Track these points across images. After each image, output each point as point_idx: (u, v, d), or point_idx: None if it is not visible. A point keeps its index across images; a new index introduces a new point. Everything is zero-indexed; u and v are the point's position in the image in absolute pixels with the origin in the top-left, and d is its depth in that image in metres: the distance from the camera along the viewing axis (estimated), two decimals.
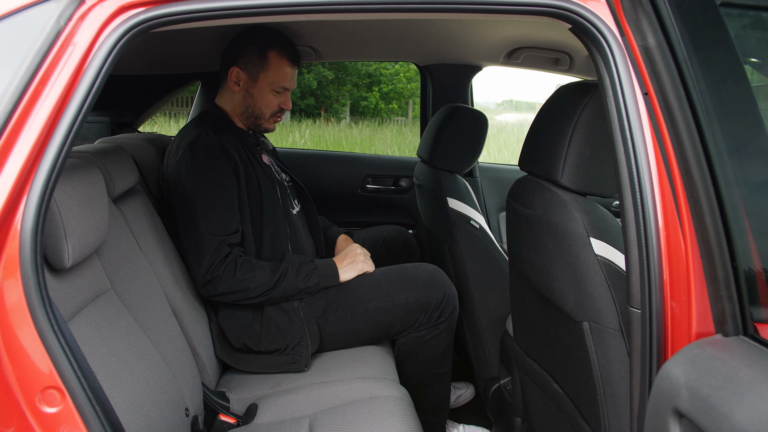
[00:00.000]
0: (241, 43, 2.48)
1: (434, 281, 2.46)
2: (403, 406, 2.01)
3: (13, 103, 1.19)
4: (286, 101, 2.58)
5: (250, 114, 2.55)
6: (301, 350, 2.33)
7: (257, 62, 2.47)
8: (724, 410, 0.97)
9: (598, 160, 1.59)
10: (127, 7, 1.27)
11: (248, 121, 2.58)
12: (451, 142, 2.86)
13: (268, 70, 2.47)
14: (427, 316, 2.42)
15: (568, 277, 1.58)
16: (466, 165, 2.95)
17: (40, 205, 1.20)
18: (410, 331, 2.45)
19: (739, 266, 1.12)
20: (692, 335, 1.19)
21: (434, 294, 2.42)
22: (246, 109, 2.54)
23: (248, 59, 2.47)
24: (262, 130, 2.63)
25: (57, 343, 1.22)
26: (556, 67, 3.26)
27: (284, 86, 2.52)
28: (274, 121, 2.61)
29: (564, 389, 1.77)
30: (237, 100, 2.54)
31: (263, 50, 2.46)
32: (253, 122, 2.58)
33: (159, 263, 2.12)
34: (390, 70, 18.35)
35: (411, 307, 2.41)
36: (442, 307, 2.43)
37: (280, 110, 2.58)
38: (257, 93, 2.50)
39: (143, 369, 1.70)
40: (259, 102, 2.52)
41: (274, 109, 2.55)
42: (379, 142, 13.36)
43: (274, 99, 2.53)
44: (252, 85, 2.50)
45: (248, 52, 2.46)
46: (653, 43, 1.18)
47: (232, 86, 2.51)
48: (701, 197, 1.13)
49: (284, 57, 2.49)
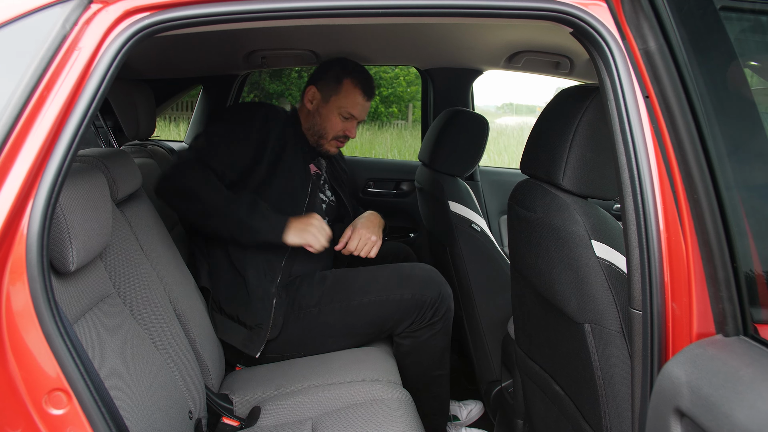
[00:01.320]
0: (324, 66, 2.72)
1: (430, 280, 2.49)
2: (405, 409, 2.01)
3: (19, 108, 1.20)
4: (351, 129, 2.70)
5: (315, 131, 2.68)
6: (259, 333, 2.37)
7: (332, 86, 2.64)
8: (725, 409, 0.98)
9: (599, 162, 1.59)
10: (132, 12, 1.28)
11: (312, 137, 2.70)
12: (453, 146, 2.87)
13: (339, 94, 2.63)
14: (420, 315, 2.45)
15: (570, 280, 1.58)
16: (468, 168, 2.96)
17: (47, 209, 1.21)
18: (404, 328, 2.48)
19: (739, 267, 1.13)
20: (693, 336, 1.20)
21: (429, 292, 2.45)
22: (312, 126, 2.68)
23: (325, 82, 2.66)
24: (323, 150, 2.73)
25: (63, 346, 1.23)
26: (556, 71, 3.27)
27: (351, 113, 2.65)
28: (336, 144, 2.73)
29: (565, 391, 1.77)
30: (307, 116, 2.70)
31: (340, 76, 2.64)
32: (316, 140, 2.70)
33: (162, 267, 2.13)
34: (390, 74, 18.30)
35: (405, 304, 2.44)
36: (437, 306, 2.46)
37: (344, 136, 2.70)
38: (325, 113, 2.65)
39: (147, 372, 1.71)
40: (325, 122, 2.66)
41: (338, 132, 2.68)
42: (380, 145, 13.34)
43: (339, 123, 2.66)
44: (323, 106, 2.66)
45: (328, 75, 2.66)
46: (654, 47, 1.19)
47: (306, 103, 2.69)
48: (702, 199, 1.14)
49: (357, 87, 2.64)
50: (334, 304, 2.45)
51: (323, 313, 2.44)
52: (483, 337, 2.75)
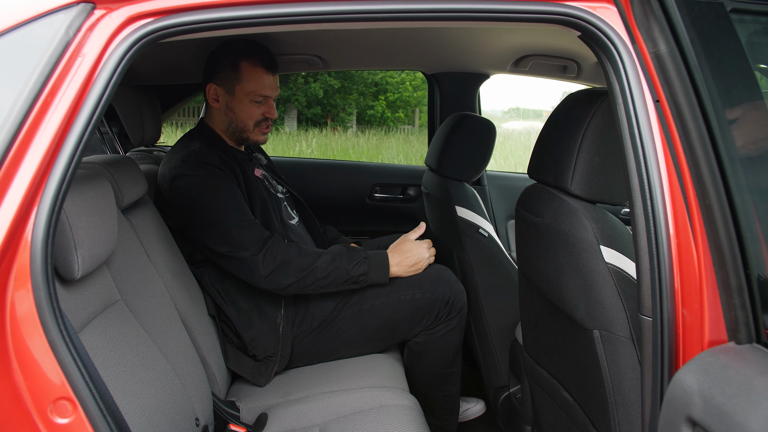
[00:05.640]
0: (214, 59, 2.47)
1: (441, 278, 2.47)
2: (413, 415, 2.00)
3: (23, 114, 1.19)
4: (270, 110, 2.53)
5: (235, 128, 2.51)
6: (268, 364, 2.35)
7: (231, 75, 2.43)
8: (739, 419, 0.96)
9: (608, 167, 1.58)
10: (136, 17, 1.28)
11: (234, 136, 2.54)
12: (460, 151, 2.86)
13: (243, 81, 2.43)
14: (434, 315, 2.43)
15: (578, 286, 1.57)
16: (475, 173, 2.94)
17: (51, 216, 1.21)
18: (419, 332, 2.46)
19: (752, 273, 1.11)
20: (705, 343, 1.18)
21: (441, 291, 2.43)
22: (229, 124, 2.50)
23: (222, 74, 2.44)
24: (251, 143, 2.58)
25: (68, 354, 1.22)
26: (563, 75, 3.26)
27: (263, 94, 2.47)
28: (262, 132, 2.56)
29: (574, 398, 1.76)
30: (220, 116, 2.50)
31: (235, 62, 2.42)
32: (239, 136, 2.53)
33: (168, 273, 2.12)
34: (396, 79, 18.36)
35: (417, 304, 2.41)
36: (451, 302, 2.44)
37: (264, 119, 2.53)
38: (236, 106, 2.46)
39: (153, 379, 1.70)
40: (240, 114, 2.47)
41: (258, 118, 2.50)
42: (386, 150, 13.36)
43: (255, 109, 2.48)
44: (230, 99, 2.46)
45: (222, 66, 2.44)
46: (665, 51, 1.18)
47: (212, 103, 2.48)
48: (714, 204, 1.13)
49: (258, 65, 2.44)
50: (347, 310, 2.42)
51: (336, 319, 2.42)
52: (491, 342, 2.74)
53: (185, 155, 2.31)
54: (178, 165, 2.29)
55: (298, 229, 2.61)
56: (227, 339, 2.39)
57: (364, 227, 3.94)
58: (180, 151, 2.36)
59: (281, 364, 2.37)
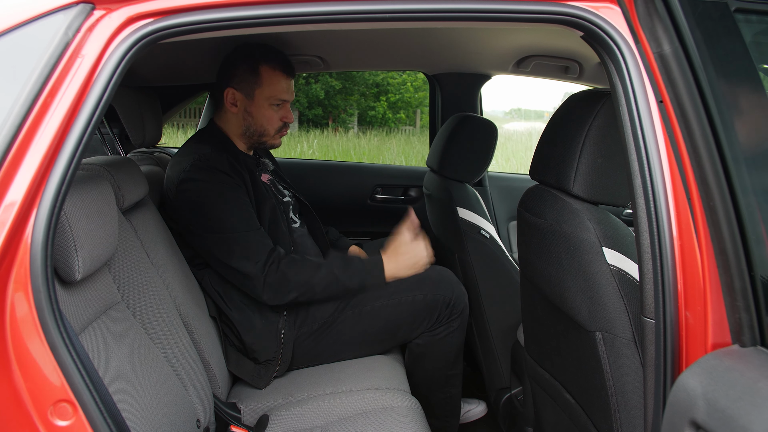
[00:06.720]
0: (231, 63, 2.45)
1: (442, 280, 2.47)
2: (414, 417, 2.00)
3: (22, 115, 1.19)
4: (288, 114, 2.51)
5: (253, 132, 2.49)
6: (268, 368, 2.35)
7: (250, 79, 2.41)
8: (743, 422, 0.96)
9: (610, 168, 1.58)
10: (136, 18, 1.27)
11: (251, 140, 2.52)
12: (461, 152, 2.85)
13: (262, 85, 2.41)
14: (435, 316, 2.43)
15: (581, 287, 1.56)
16: (476, 174, 2.94)
17: (51, 218, 1.20)
18: (419, 334, 2.46)
19: (756, 276, 1.11)
20: (708, 346, 1.18)
21: (442, 292, 2.43)
22: (247, 129, 2.48)
23: (241, 78, 2.42)
24: (268, 146, 2.59)
25: (68, 356, 1.22)
26: (565, 75, 3.25)
27: (282, 98, 2.46)
28: (280, 135, 2.55)
29: (576, 399, 1.75)
30: (237, 120, 2.48)
31: (254, 66, 2.40)
32: (257, 140, 2.52)
33: (169, 275, 2.12)
34: (397, 80, 18.39)
35: (418, 305, 2.41)
36: (453, 304, 2.44)
37: (283, 125, 2.52)
38: (256, 110, 2.45)
39: (154, 381, 1.70)
40: (260, 119, 2.46)
41: (277, 124, 2.49)
42: (388, 151, 13.37)
43: (274, 114, 2.47)
44: (249, 104, 2.44)
45: (240, 71, 2.42)
46: (669, 51, 1.17)
47: (229, 108, 2.46)
48: (718, 206, 1.12)
49: (277, 69, 2.43)
50: (347, 312, 2.41)
51: (337, 321, 2.41)
52: (492, 344, 2.74)
53: (195, 159, 2.29)
54: (187, 168, 2.27)
55: (300, 233, 2.60)
56: (228, 341, 2.38)
57: (365, 228, 3.93)
58: (189, 154, 2.34)
59: (281, 368, 2.37)
